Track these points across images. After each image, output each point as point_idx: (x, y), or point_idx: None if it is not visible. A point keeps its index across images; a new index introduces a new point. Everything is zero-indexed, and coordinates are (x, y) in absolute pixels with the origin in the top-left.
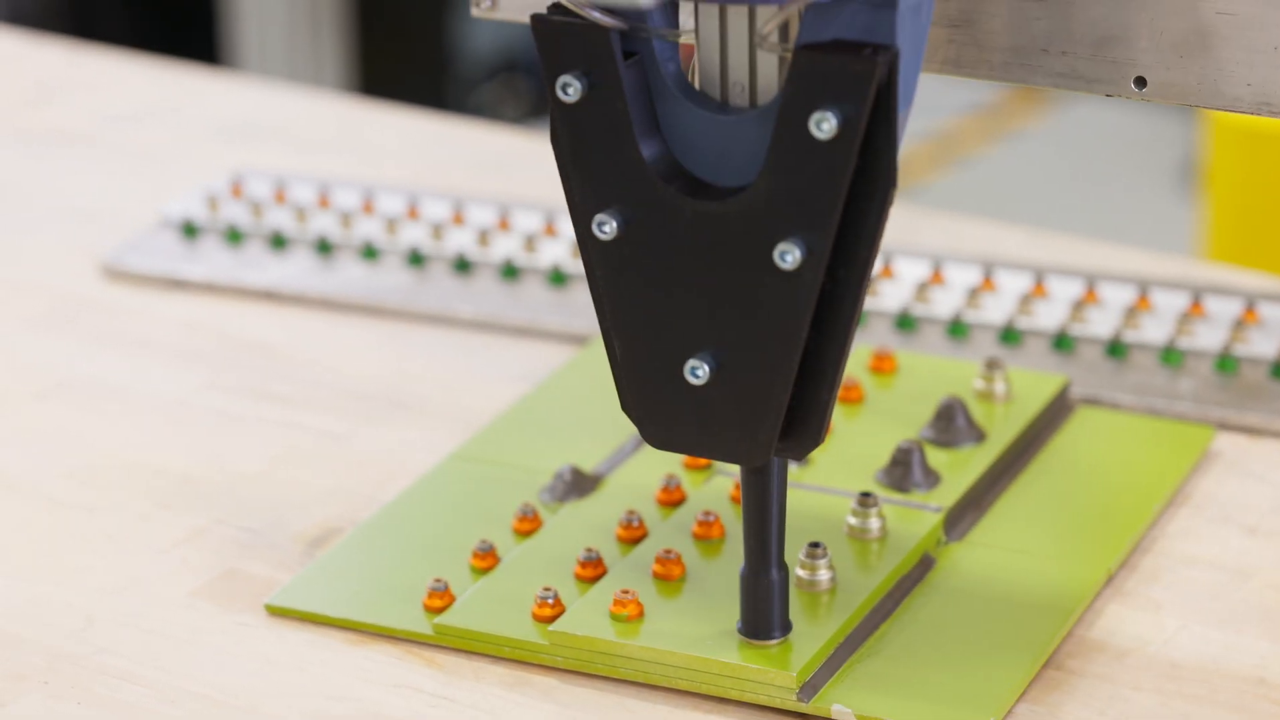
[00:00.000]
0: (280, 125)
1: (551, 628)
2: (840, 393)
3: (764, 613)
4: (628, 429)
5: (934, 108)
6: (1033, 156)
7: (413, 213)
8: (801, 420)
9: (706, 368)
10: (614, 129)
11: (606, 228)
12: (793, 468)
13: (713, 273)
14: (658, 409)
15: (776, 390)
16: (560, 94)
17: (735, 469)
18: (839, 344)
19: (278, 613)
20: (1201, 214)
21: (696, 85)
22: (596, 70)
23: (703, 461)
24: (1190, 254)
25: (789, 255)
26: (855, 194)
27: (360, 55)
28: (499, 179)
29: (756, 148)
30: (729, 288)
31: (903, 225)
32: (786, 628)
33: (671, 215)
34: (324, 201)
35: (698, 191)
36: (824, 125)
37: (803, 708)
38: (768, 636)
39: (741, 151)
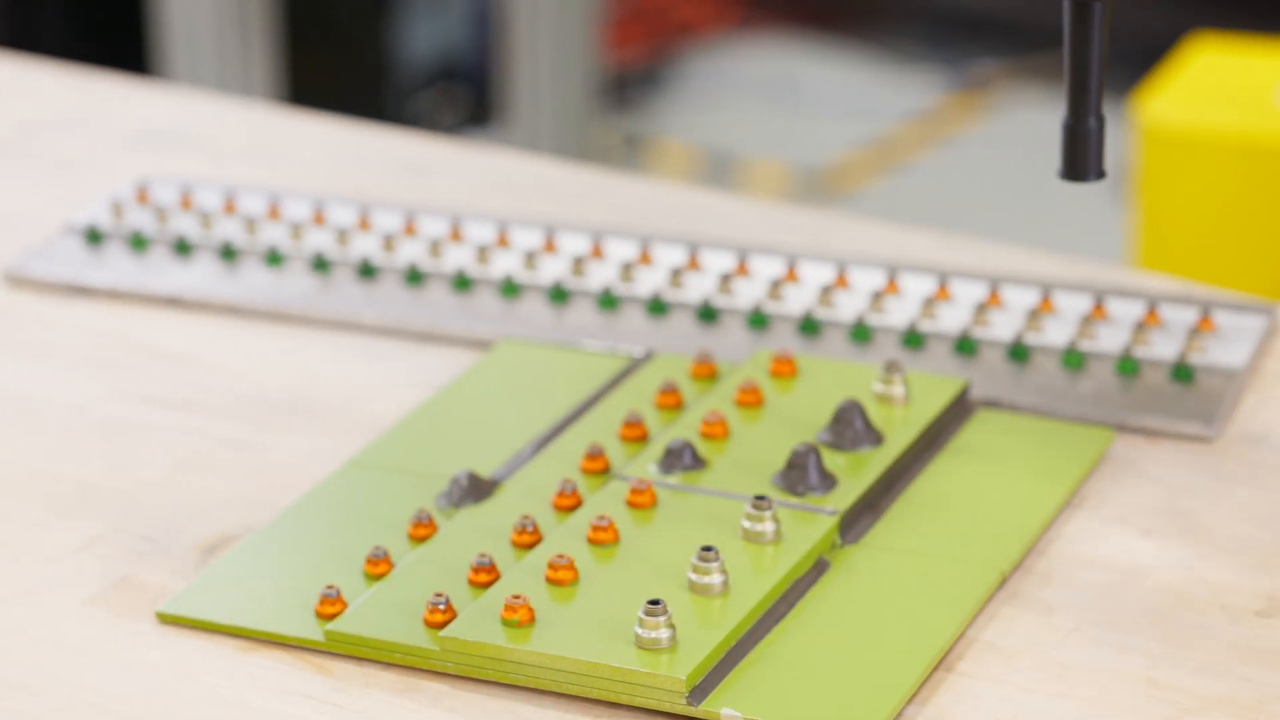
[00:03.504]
0: (194, 133)
1: (442, 633)
2: (738, 396)
3: (1082, 157)
4: (527, 433)
5: (873, 114)
6: (969, 162)
7: (318, 218)
8: None
9: None
10: None
11: None
12: (692, 470)
13: None
14: None
15: None
16: None
17: (631, 473)
18: None
19: (170, 621)
20: (1132, 220)
21: None
22: None
23: (600, 465)
24: (1123, 259)
25: None
26: None
27: (293, 64)
28: (408, 185)
29: None
30: None
31: (809, 230)
32: (1101, 174)
33: None
34: (230, 208)
35: None
36: None
37: (693, 711)
38: (1084, 178)
39: None
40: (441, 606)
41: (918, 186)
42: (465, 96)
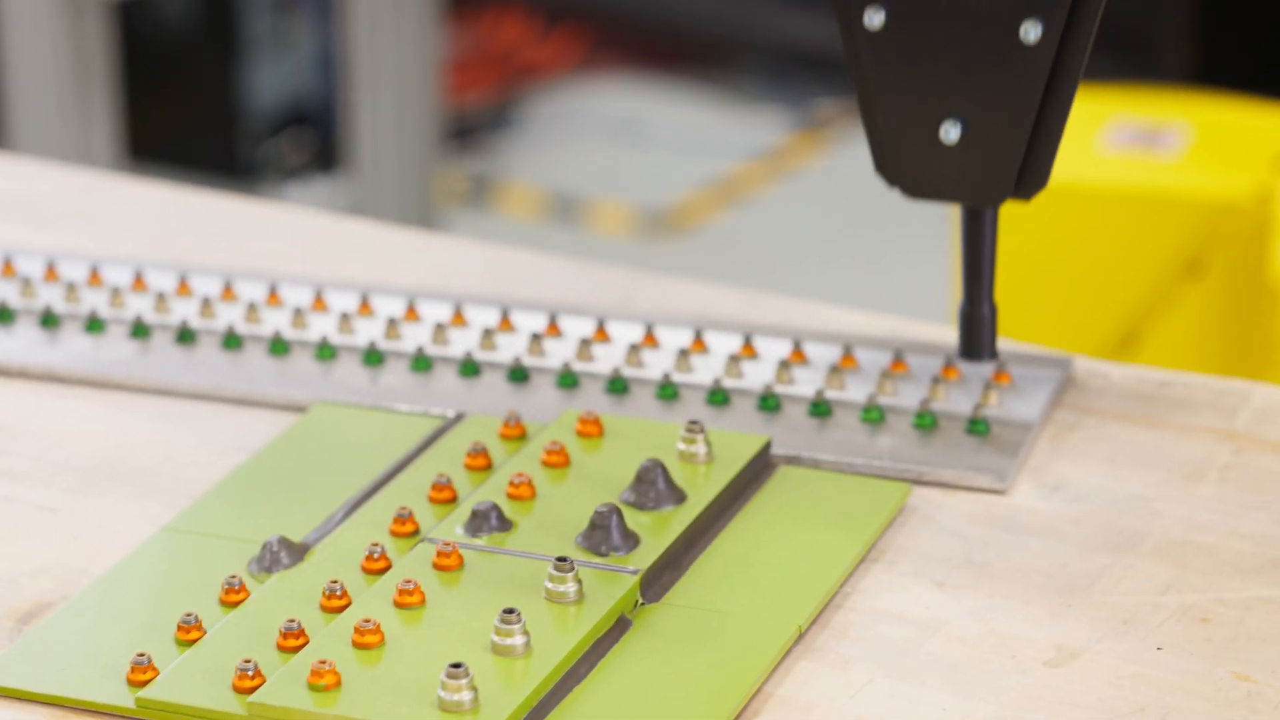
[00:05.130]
0: (18, 199)
1: (250, 699)
2: (545, 457)
3: (977, 339)
4: (339, 497)
5: (717, 153)
6: (809, 198)
7: (138, 284)
8: (1031, 168)
9: (958, 129)
10: None
11: (875, 19)
12: (498, 532)
13: (965, 51)
14: (914, 167)
15: (1015, 144)
16: None
17: (439, 535)
18: (1063, 105)
19: None
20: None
21: None
22: None
23: (409, 528)
24: (951, 294)
25: (1032, 32)
26: None
27: (138, 115)
28: (229, 248)
29: None
30: (978, 63)
31: (616, 291)
32: (994, 354)
33: (931, 5)
34: (51, 274)
35: None
36: None
37: None
38: (980, 358)
39: None
40: (250, 672)
41: (759, 222)
42: (313, 141)
